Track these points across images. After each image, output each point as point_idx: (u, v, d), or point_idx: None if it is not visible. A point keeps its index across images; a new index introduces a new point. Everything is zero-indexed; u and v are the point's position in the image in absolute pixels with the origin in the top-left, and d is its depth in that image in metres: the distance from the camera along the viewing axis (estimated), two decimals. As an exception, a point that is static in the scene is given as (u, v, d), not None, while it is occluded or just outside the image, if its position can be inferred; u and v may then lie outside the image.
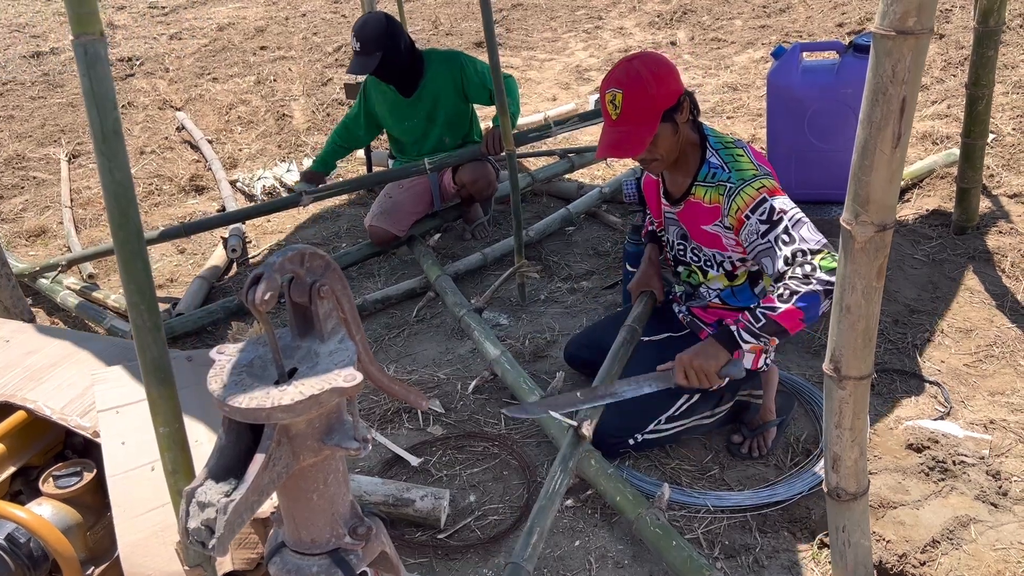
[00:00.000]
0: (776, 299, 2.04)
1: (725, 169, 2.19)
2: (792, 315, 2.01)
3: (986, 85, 3.23)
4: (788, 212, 2.07)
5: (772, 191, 2.11)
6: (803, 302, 2.00)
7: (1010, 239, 3.37)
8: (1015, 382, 2.62)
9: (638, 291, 2.61)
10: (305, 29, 8.31)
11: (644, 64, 2.14)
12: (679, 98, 2.16)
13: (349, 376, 1.20)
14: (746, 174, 2.15)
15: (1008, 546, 2.07)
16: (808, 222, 2.08)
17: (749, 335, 2.09)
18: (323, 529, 1.34)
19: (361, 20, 3.59)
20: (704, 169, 2.23)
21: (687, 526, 2.21)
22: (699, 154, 2.25)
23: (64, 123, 6.15)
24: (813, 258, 2.01)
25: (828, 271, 1.99)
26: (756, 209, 2.10)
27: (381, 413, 2.75)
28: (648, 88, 2.11)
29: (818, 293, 1.99)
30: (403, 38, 3.65)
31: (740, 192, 2.13)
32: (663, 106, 2.13)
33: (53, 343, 1.98)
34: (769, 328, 2.05)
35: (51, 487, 1.72)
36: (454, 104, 3.81)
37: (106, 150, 1.20)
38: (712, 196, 2.21)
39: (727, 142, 2.25)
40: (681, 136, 2.21)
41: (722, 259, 2.29)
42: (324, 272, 1.29)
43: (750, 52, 6.28)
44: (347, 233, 4.22)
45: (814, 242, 2.03)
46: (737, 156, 2.21)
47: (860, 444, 1.78)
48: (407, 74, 3.70)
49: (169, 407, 1.31)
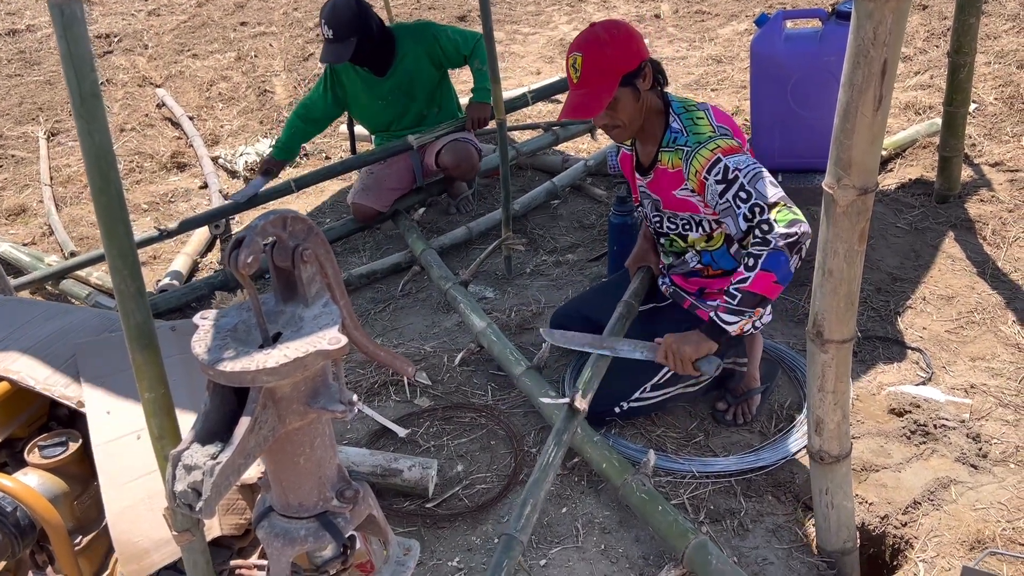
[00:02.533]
0: (744, 270, 2.06)
1: (684, 133, 2.22)
2: (764, 280, 2.03)
3: (968, 53, 3.24)
4: (743, 169, 2.09)
5: (727, 150, 2.13)
6: (769, 264, 2.02)
7: (991, 207, 3.40)
8: (995, 347, 2.66)
9: (635, 267, 2.62)
10: (286, 4, 8.21)
11: (604, 28, 2.18)
12: (640, 63, 2.18)
13: (334, 339, 1.20)
14: (702, 136, 2.18)
15: (987, 506, 2.10)
16: (766, 176, 2.09)
17: (729, 315, 2.10)
18: (310, 493, 1.34)
19: (329, 5, 3.48)
20: (667, 135, 2.26)
21: (673, 492, 2.23)
22: (664, 121, 2.27)
23: (42, 101, 6.07)
24: (769, 212, 2.03)
25: (786, 223, 2.00)
26: (711, 169, 2.12)
27: (368, 385, 2.75)
28: (605, 50, 2.15)
29: (781, 251, 2.00)
30: (374, 19, 3.60)
31: (696, 154, 2.16)
32: (622, 69, 2.15)
33: (36, 314, 1.96)
34: (747, 301, 2.06)
35: (37, 457, 1.71)
36: (429, 77, 3.77)
37: (85, 113, 1.18)
38: (674, 160, 2.24)
39: (689, 106, 2.27)
40: (644, 103, 2.23)
41: (699, 220, 2.30)
42: (307, 236, 1.29)
43: (734, 24, 6.26)
44: (331, 209, 4.20)
45: (770, 195, 2.05)
46: (697, 119, 2.23)
47: (843, 407, 1.80)
48: (380, 54, 3.66)
49: (154, 372, 1.30)
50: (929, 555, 2.00)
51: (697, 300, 2.43)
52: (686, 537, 1.93)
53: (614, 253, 3.11)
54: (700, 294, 2.43)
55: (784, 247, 2.00)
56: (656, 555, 2.04)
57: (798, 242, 2.01)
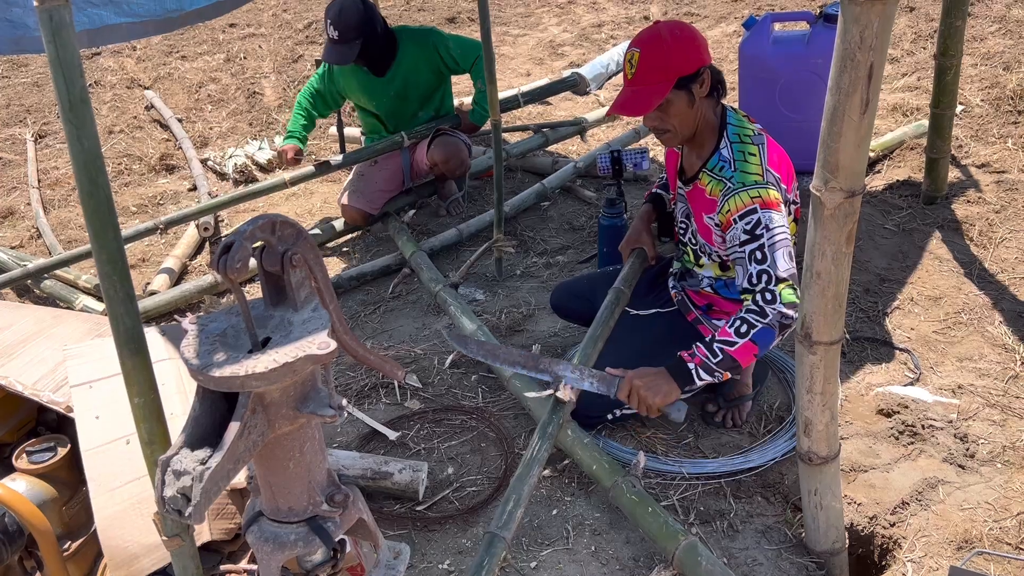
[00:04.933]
0: (733, 333, 2.04)
1: (731, 166, 2.14)
2: (747, 350, 2.04)
3: (954, 55, 3.26)
4: (772, 230, 2.05)
5: (766, 203, 2.07)
6: (758, 337, 2.02)
7: (978, 208, 3.42)
8: (983, 348, 2.67)
9: (629, 249, 2.59)
10: (275, 6, 8.20)
11: (668, 27, 2.12)
12: (699, 68, 2.11)
13: (323, 343, 1.20)
14: (748, 178, 2.10)
15: (975, 506, 2.12)
16: (788, 246, 2.06)
17: (705, 372, 2.08)
18: (300, 497, 1.34)
19: (337, 7, 3.50)
20: (715, 159, 2.19)
21: (662, 493, 2.23)
22: (715, 140, 2.20)
23: (30, 103, 6.04)
24: (776, 285, 2.02)
25: (788, 304, 2.00)
26: (744, 216, 2.07)
27: (358, 388, 2.75)
28: (664, 49, 2.08)
29: (773, 329, 2.02)
30: (379, 20, 3.62)
31: (736, 195, 2.10)
32: (679, 71, 2.09)
33: (24, 319, 1.96)
34: (725, 363, 2.06)
35: (25, 463, 1.71)
36: (427, 81, 3.79)
37: (74, 118, 1.18)
38: (714, 188, 2.18)
39: (744, 135, 2.18)
40: (698, 112, 2.16)
41: (711, 251, 2.29)
42: (296, 241, 1.29)
43: (723, 26, 6.28)
44: (321, 210, 4.19)
45: (783, 269, 2.03)
46: (749, 155, 2.14)
47: (831, 408, 1.81)
48: (381, 55, 3.67)
49: (143, 377, 1.30)
50: (917, 555, 2.01)
51: (703, 315, 2.42)
52: (676, 538, 1.93)
53: (604, 255, 3.12)
54: (707, 309, 2.42)
55: (776, 324, 2.01)
56: (646, 556, 2.05)
57: (789, 326, 2.02)
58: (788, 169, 2.22)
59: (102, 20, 1.83)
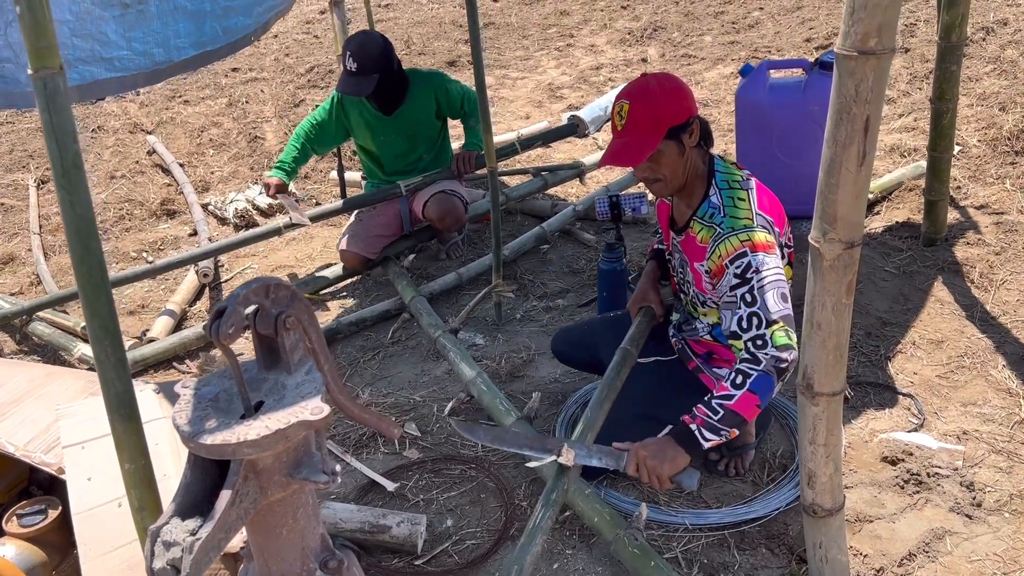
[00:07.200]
0: (730, 386, 2.00)
1: (721, 212, 2.15)
2: (748, 402, 1.98)
3: (950, 99, 3.28)
4: (762, 273, 2.03)
5: (756, 246, 2.05)
6: (756, 386, 1.97)
7: (978, 250, 3.41)
8: (987, 392, 2.65)
9: (636, 308, 2.57)
10: (277, 50, 8.29)
11: (656, 79, 2.14)
12: (688, 119, 2.13)
13: (316, 408, 1.18)
14: (738, 223, 2.10)
15: (983, 557, 2.08)
16: (780, 288, 2.03)
17: (710, 432, 2.00)
18: (293, 564, 1.32)
19: (358, 40, 3.55)
20: (704, 206, 2.19)
21: (665, 545, 2.20)
22: (704, 188, 2.21)
23: (32, 148, 6.08)
24: (767, 329, 1.99)
25: (780, 347, 1.97)
26: (735, 260, 2.06)
27: (356, 438, 2.72)
28: (655, 101, 2.10)
29: (770, 376, 1.97)
30: (396, 60, 3.66)
31: (726, 239, 2.09)
32: (669, 121, 2.10)
33: (16, 377, 1.94)
34: (728, 420, 1.99)
35: (15, 526, 1.68)
36: (432, 123, 3.83)
37: (67, 184, 1.18)
38: (704, 236, 2.18)
39: (733, 181, 2.19)
40: (688, 162, 2.17)
41: (705, 299, 2.28)
42: (290, 303, 1.27)
43: (720, 68, 6.34)
44: (321, 255, 4.20)
45: (774, 312, 2.00)
46: (738, 200, 2.15)
47: (835, 460, 1.79)
48: (393, 94, 3.70)
49: (134, 443, 1.28)
50: (926, 609, 1.97)
51: (703, 364, 2.40)
52: (680, 594, 1.89)
53: (604, 299, 3.11)
54: (707, 358, 2.40)
55: (773, 370, 1.97)
56: (649, 613, 2.01)
57: (787, 369, 1.98)
58: (779, 212, 2.22)
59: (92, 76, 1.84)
